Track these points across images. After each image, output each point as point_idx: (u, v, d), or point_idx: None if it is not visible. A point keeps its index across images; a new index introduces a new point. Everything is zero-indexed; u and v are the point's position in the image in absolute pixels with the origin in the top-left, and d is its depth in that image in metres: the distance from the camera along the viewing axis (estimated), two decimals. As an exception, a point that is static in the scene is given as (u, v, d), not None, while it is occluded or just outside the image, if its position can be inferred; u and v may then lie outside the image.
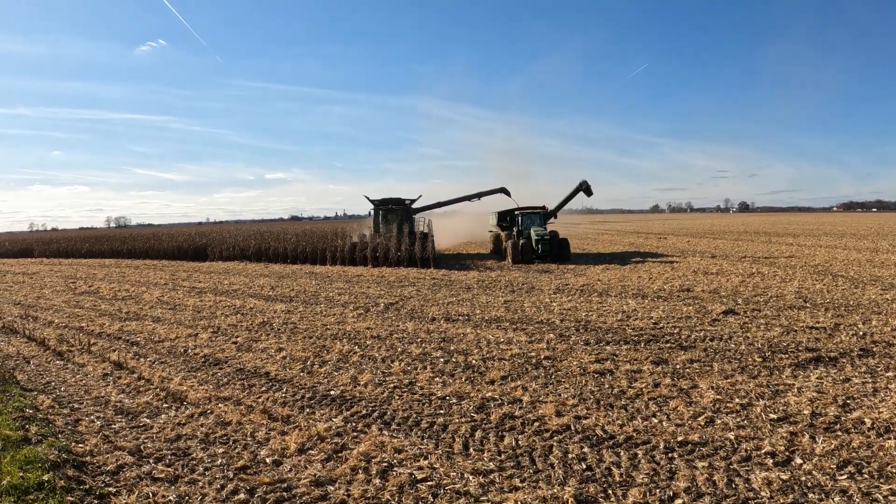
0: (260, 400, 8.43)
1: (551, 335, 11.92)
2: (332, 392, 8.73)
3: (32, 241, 46.43)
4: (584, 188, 28.77)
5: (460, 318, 13.96)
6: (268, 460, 6.47)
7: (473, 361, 10.20)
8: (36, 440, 6.48)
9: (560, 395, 8.44)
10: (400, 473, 6.11)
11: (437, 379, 9.26)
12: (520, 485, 5.84)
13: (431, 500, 5.61)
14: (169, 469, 6.19)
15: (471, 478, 5.99)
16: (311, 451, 6.69)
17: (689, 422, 7.34)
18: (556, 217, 29.68)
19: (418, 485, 5.88)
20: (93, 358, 11.03)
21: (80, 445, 6.64)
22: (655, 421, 7.38)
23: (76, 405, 8.25)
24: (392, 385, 8.98)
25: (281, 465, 6.35)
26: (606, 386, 8.80)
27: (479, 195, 33.01)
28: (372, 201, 30.87)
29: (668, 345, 11.03)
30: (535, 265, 25.17)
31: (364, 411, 7.96)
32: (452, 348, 11.09)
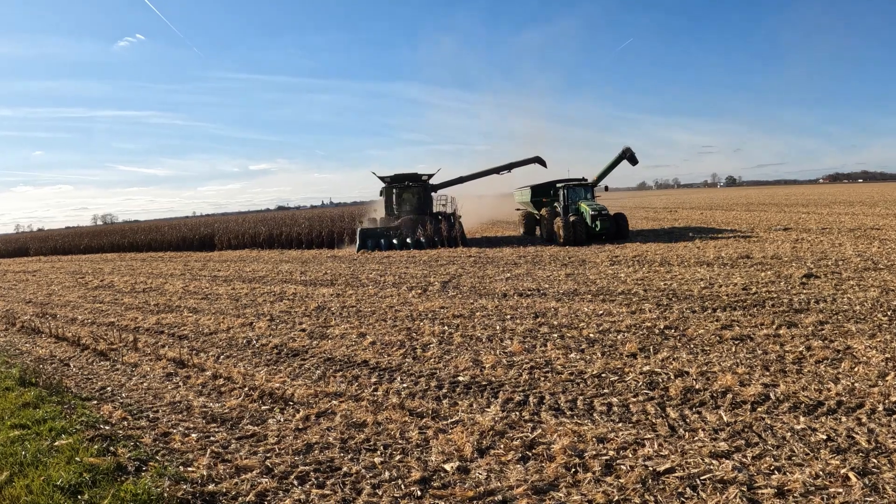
0: (379, 393, 6.62)
1: (647, 305, 10.34)
2: (460, 378, 6.97)
3: (27, 240, 43.02)
4: (629, 156, 25.47)
5: (532, 292, 12.27)
6: (447, 467, 4.73)
7: (591, 335, 8.56)
8: (133, 468, 4.57)
9: (720, 364, 6.97)
10: (632, 466, 4.60)
11: (571, 356, 7.59)
12: (778, 463, 4.57)
13: (692, 492, 4.21)
14: (327, 492, 4.38)
15: (715, 462, 4.62)
16: (495, 451, 5.00)
17: (881, 382, 6.21)
18: (607, 188, 25.66)
19: (662, 477, 4.43)
20: (143, 356, 9.00)
21: (191, 470, 4.75)
22: (847, 383, 6.22)
23: (152, 414, 6.30)
24: (526, 365, 7.27)
25: (471, 473, 4.64)
26: (759, 352, 7.42)
27: (509, 167, 27.86)
28: (383, 178, 26.02)
29: (781, 309, 9.57)
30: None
31: (517, 397, 6.27)
32: (556, 323, 9.41)
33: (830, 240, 17.81)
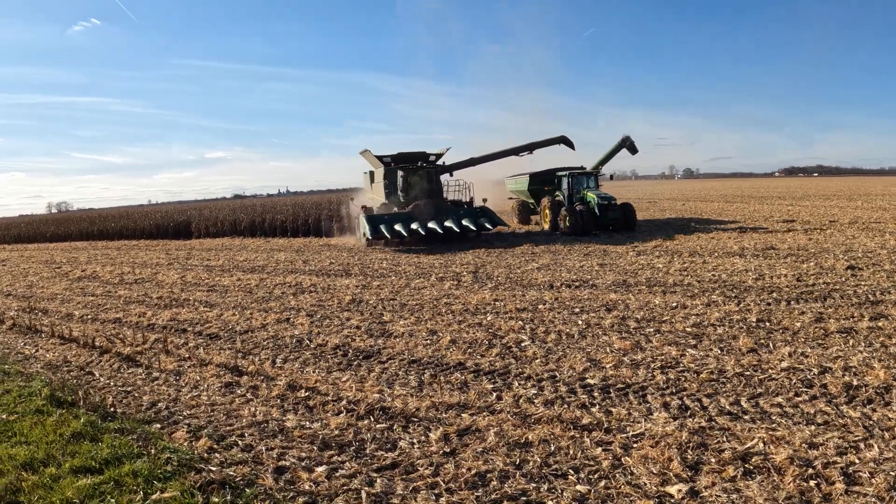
0: (507, 402, 5.45)
1: (714, 297, 9.53)
2: (589, 381, 5.92)
3: (-13, 228, 38.23)
4: (628, 145, 24.34)
5: (579, 283, 11.29)
6: (672, 492, 3.90)
7: (687, 329, 7.69)
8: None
9: (854, 358, 6.25)
10: (871, 473, 3.98)
11: (690, 352, 6.66)
12: None
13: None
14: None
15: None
16: (709, 467, 4.11)
17: None
18: (612, 177, 24.26)
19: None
20: (180, 360, 7.40)
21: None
22: None
23: (241, 441, 4.85)
24: (652, 364, 6.29)
25: (703, 495, 3.81)
26: (877, 345, 6.76)
27: (530, 147, 23.70)
28: (382, 158, 21.05)
29: (854, 301, 8.91)
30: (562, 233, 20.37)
31: (673, 401, 5.37)
32: (638, 316, 8.48)
33: (841, 232, 17.45)
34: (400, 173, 20.69)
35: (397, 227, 18.25)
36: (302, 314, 9.71)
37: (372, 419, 5.22)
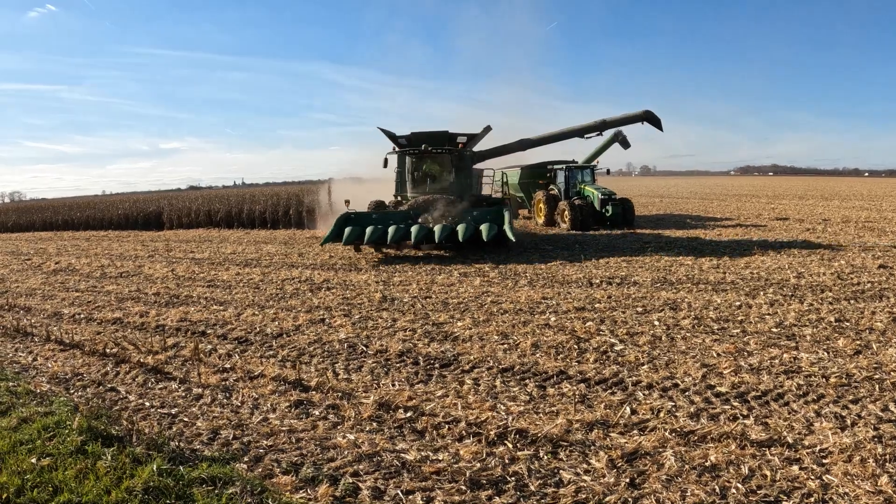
0: (647, 417, 4.62)
1: (771, 296, 9.00)
2: (719, 389, 5.25)
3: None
4: (621, 139, 23.59)
5: (620, 281, 10.61)
6: None
7: (773, 330, 7.16)
8: None
9: None
10: None
11: (804, 356, 6.06)
12: None
13: None
14: None
15: None
16: None
17: None
18: (608, 171, 22.68)
19: None
20: (217, 371, 6.16)
21: None
22: None
23: (357, 481, 3.79)
24: (770, 369, 5.67)
25: None
26: None
27: (601, 127, 18.75)
28: (396, 138, 15.91)
29: None
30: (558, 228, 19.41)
31: (825, 410, 4.69)
32: (712, 316, 7.89)
33: (845, 231, 17.42)
34: (413, 160, 15.69)
35: (369, 230, 13.30)
36: (337, 314, 8.57)
37: (508, 444, 4.27)
